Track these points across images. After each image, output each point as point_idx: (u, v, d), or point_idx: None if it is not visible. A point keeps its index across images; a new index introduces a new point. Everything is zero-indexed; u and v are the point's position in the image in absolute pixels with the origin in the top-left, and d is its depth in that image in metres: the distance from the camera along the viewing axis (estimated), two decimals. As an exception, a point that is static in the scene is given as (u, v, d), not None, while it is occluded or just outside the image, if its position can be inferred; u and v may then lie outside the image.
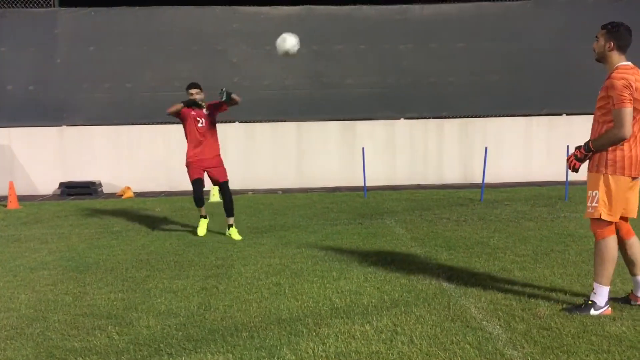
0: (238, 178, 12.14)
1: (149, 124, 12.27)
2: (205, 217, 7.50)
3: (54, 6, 12.21)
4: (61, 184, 11.95)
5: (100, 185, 12.08)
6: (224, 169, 7.45)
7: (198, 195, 7.29)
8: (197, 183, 7.24)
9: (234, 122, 12.48)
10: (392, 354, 3.42)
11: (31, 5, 12.18)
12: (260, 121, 12.60)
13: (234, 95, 7.18)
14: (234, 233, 7.11)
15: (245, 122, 12.54)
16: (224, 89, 7.24)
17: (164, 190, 12.13)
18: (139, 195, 11.60)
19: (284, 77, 12.57)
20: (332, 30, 12.64)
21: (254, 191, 11.87)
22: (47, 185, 12.06)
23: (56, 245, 6.85)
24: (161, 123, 12.23)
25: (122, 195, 11.55)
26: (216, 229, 7.57)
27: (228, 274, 5.35)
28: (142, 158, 12.25)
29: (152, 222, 8.37)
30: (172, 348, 3.58)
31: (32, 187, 12.01)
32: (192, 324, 4.02)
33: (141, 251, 6.44)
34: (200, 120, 7.28)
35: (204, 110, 7.34)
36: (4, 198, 10.59)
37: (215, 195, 10.57)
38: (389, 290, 4.69)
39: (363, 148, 10.93)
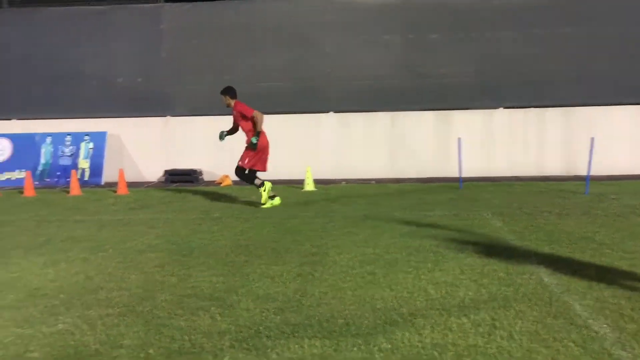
0: (331, 167, 12.30)
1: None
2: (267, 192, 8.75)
3: (159, 2, 12.84)
4: (165, 172, 12.60)
5: (200, 173, 12.62)
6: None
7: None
8: None
9: (327, 112, 12.60)
10: (490, 348, 3.35)
11: (139, 1, 12.87)
12: (354, 111, 12.63)
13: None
14: None
15: (339, 112, 12.62)
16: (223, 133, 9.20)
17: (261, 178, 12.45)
18: (237, 183, 11.99)
19: (378, 67, 12.51)
20: (428, 19, 12.43)
21: (347, 181, 11.94)
22: (153, 172, 12.76)
23: (162, 230, 7.23)
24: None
25: (220, 183, 12.01)
26: (308, 217, 7.69)
27: (323, 261, 5.44)
28: (240, 148, 12.61)
29: (250, 210, 8.64)
30: (270, 331, 3.70)
31: (139, 175, 12.76)
32: (289, 308, 4.12)
33: (240, 237, 6.67)
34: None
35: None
36: (115, 184, 11.31)
37: (309, 183, 10.75)
38: (486, 283, 4.58)
39: (459, 138, 10.69)
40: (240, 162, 8.86)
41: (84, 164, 12.55)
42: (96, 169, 12.49)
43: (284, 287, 4.64)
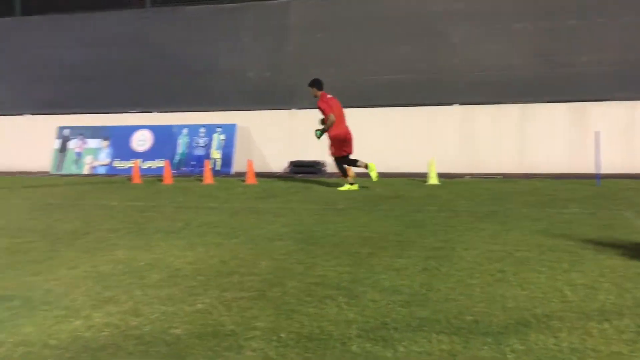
0: (455, 161, 12.01)
1: (369, 106, 12.68)
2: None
3: (287, -2, 13.22)
4: (290, 163, 12.99)
5: (324, 165, 12.86)
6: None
7: None
8: None
9: (452, 104, 12.31)
10: (636, 356, 3.11)
11: (268, -1, 13.34)
12: (481, 103, 12.23)
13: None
14: None
15: (465, 104, 12.28)
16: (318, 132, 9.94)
17: (381, 171, 12.44)
18: (359, 175, 12.08)
19: (508, 57, 12.00)
20: (565, 5, 11.70)
21: (472, 175, 11.61)
22: (279, 163, 13.21)
23: (288, 219, 7.47)
24: (380, 106, 12.59)
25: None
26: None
27: (449, 256, 5.33)
28: (362, 139, 12.69)
29: (373, 202, 8.68)
30: (397, 323, 3.69)
31: (265, 165, 13.26)
32: (415, 302, 4.09)
33: (363, 229, 6.72)
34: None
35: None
36: (243, 174, 11.84)
37: (432, 177, 10.59)
38: (630, 287, 4.25)
39: (597, 132, 9.99)
40: (329, 153, 10.25)
41: (216, 154, 13.27)
42: (227, 159, 13.16)
43: (409, 281, 4.61)
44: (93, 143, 14.13)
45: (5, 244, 6.28)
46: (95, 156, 14.02)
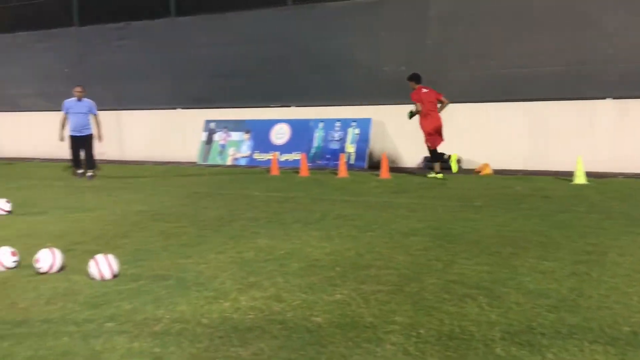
0: (606, 159, 11.14)
1: (511, 101, 12.14)
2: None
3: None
4: (424, 158, 12.79)
5: (459, 160, 12.51)
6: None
7: None
8: None
9: (604, 98, 11.41)
10: None
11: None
12: (637, 97, 11.21)
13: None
14: None
15: (618, 98, 11.32)
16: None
17: (523, 168, 11.88)
18: (497, 172, 11.63)
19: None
20: None
21: (625, 175, 10.69)
22: (413, 158, 13.05)
23: (423, 214, 7.37)
24: (521, 100, 12.00)
25: (480, 171, 11.76)
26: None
27: (601, 261, 4.96)
28: (502, 135, 12.22)
29: (512, 200, 8.30)
30: (544, 329, 3.50)
31: (399, 160, 13.19)
32: (564, 308, 3.86)
33: (503, 228, 6.45)
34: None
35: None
36: (377, 168, 11.85)
37: (580, 175, 9.92)
38: None
39: None
40: (427, 145, 11.28)
41: (350, 148, 13.42)
42: (361, 153, 13.26)
43: (557, 285, 4.35)
44: (236, 136, 14.91)
45: (160, 228, 6.83)
46: (237, 148, 14.78)
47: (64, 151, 12.88)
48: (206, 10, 15.41)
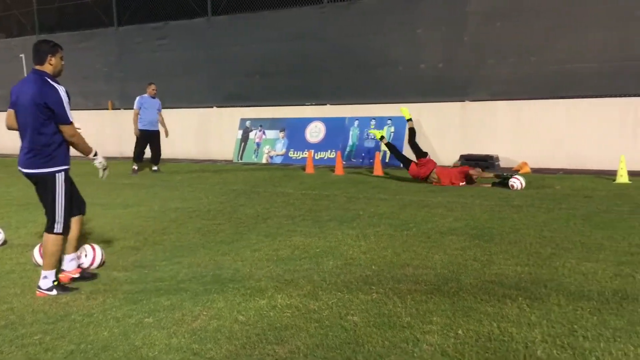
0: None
1: (552, 98, 11.87)
2: None
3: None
4: (461, 156, 12.62)
5: (497, 159, 12.30)
6: None
7: None
8: None
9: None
10: None
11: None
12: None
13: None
14: None
15: (666, 95, 10.96)
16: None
17: (563, 167, 11.61)
18: (536, 171, 11.40)
19: None
20: None
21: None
22: (450, 156, 12.90)
23: (460, 213, 7.26)
24: (562, 97, 11.72)
25: (518, 170, 11.54)
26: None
27: (646, 263, 4.81)
28: (542, 133, 11.96)
29: (553, 200, 8.12)
30: (587, 331, 3.42)
31: (435, 158, 12.99)
32: (607, 310, 3.75)
33: (543, 227, 6.32)
34: None
35: None
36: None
37: (623, 174, 9.63)
38: None
39: None
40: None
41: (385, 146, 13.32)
42: (396, 151, 13.14)
43: (599, 286, 4.24)
44: (271, 134, 14.98)
45: (197, 225, 6.91)
46: (272, 146, 14.85)
47: (103, 149, 13.18)
48: (242, 9, 15.53)
